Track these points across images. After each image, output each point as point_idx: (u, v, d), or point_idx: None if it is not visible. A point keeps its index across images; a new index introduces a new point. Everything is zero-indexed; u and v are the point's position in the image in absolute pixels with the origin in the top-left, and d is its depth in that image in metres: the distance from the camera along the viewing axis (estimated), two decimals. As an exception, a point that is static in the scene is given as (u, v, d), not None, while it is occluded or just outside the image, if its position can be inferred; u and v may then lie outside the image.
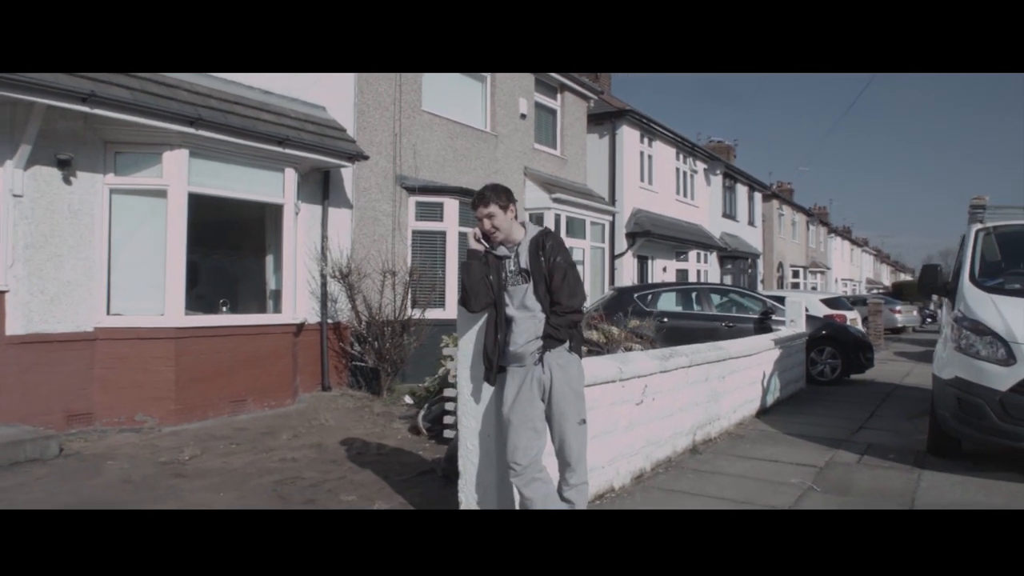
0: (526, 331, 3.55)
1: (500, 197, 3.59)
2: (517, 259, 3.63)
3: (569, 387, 3.54)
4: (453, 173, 11.60)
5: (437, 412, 6.99)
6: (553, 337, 3.50)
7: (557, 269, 3.52)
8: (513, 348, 3.57)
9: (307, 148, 8.28)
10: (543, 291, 3.54)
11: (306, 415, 7.90)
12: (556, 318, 3.50)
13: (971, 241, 6.64)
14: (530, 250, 3.59)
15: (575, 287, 3.56)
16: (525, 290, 3.58)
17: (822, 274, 38.77)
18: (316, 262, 9.14)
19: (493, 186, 3.66)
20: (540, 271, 3.53)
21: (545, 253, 3.55)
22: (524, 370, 3.55)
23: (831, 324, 11.82)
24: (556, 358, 3.53)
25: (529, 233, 3.68)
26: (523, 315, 3.57)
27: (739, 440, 6.90)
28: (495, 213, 3.57)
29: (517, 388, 3.55)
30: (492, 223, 3.58)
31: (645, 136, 19.29)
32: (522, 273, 3.60)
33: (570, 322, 3.54)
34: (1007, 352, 5.42)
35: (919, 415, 8.54)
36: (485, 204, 3.58)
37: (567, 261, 3.60)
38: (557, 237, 3.68)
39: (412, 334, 9.25)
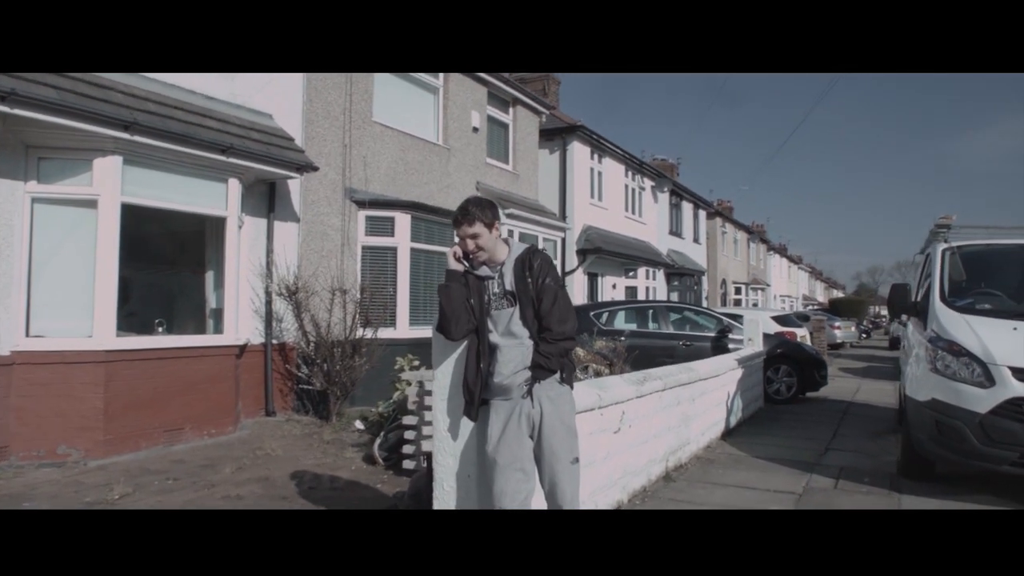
0: (512, 360, 3.20)
1: (485, 213, 3.23)
2: (501, 280, 3.27)
3: (561, 422, 3.19)
4: (404, 187, 11.18)
5: (394, 440, 6.54)
6: (543, 367, 3.15)
7: (546, 291, 3.19)
8: (498, 379, 3.21)
9: (253, 157, 7.76)
10: (531, 316, 3.19)
11: (250, 444, 7.33)
12: (546, 346, 3.15)
13: (938, 261, 6.59)
14: (515, 271, 3.24)
15: (566, 311, 3.22)
16: (511, 315, 3.23)
17: (762, 291, 39.55)
18: (261, 279, 8.58)
19: (477, 200, 3.29)
20: (527, 294, 3.20)
21: (532, 274, 3.21)
22: (510, 404, 3.19)
23: (786, 342, 11.81)
24: (546, 390, 3.18)
25: (513, 251, 3.32)
26: (509, 342, 3.22)
27: (710, 465, 6.66)
28: (480, 233, 3.21)
29: (503, 424, 3.18)
30: (477, 243, 3.22)
31: (595, 152, 19.22)
32: (507, 296, 3.24)
33: (562, 350, 3.19)
34: (985, 373, 5.32)
35: (881, 434, 8.53)
36: (470, 222, 3.20)
37: (557, 282, 3.26)
38: (545, 256, 3.33)
39: (364, 355, 8.77)
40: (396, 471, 6.23)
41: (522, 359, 3.19)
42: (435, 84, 12.25)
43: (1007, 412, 5.17)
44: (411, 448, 6.07)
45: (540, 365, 3.15)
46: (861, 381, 15.14)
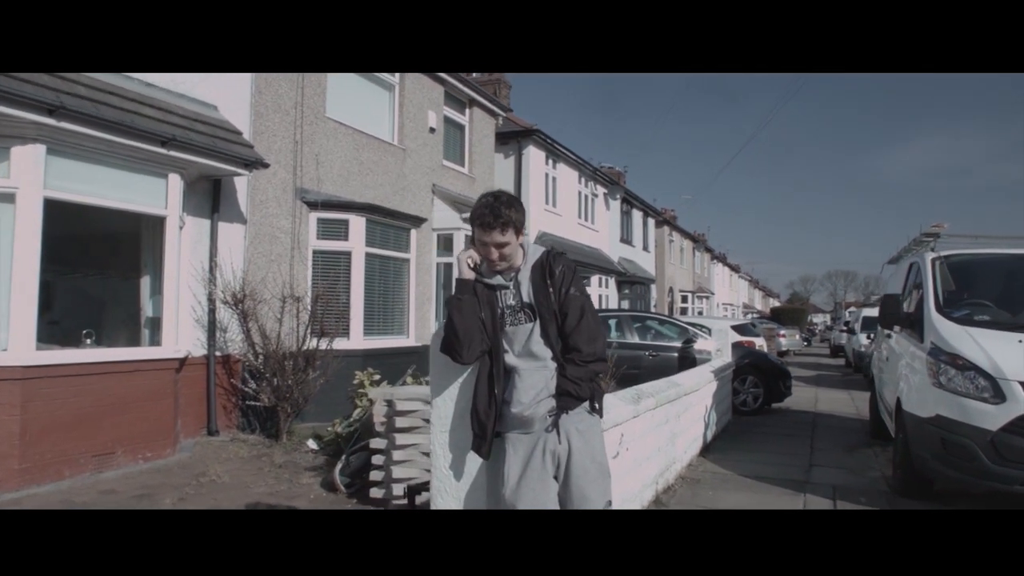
0: (534, 386, 2.70)
1: (520, 217, 2.72)
2: (517, 290, 2.77)
3: (592, 460, 2.71)
4: (359, 188, 10.53)
5: (358, 464, 5.93)
6: (572, 394, 2.66)
7: (572, 304, 2.71)
8: (517, 409, 2.69)
9: (196, 151, 7.02)
10: (554, 332, 2.71)
11: (192, 468, 6.58)
12: (575, 368, 2.67)
13: (929, 270, 6.35)
14: (533, 279, 2.75)
15: (596, 327, 2.76)
16: (529, 332, 2.74)
17: (707, 299, 39.93)
18: (203, 285, 7.82)
19: (508, 199, 2.72)
20: (549, 307, 2.71)
21: (554, 282, 2.71)
22: (531, 438, 2.67)
23: (753, 352, 11.60)
24: (575, 422, 2.70)
25: (530, 255, 2.80)
26: (529, 365, 2.73)
27: (697, 486, 6.25)
28: (510, 241, 2.69)
29: (523, 463, 2.66)
30: (503, 252, 2.70)
31: (550, 158, 18.86)
32: (525, 309, 2.75)
33: (592, 373, 2.73)
34: (994, 389, 5.05)
35: (856, 448, 8.31)
36: (503, 228, 2.66)
37: (583, 292, 2.78)
38: (567, 260, 2.82)
39: (318, 368, 8.09)
40: (361, 499, 5.63)
41: (545, 385, 2.70)
42: (391, 81, 11.64)
43: (1020, 429, 4.90)
44: (379, 474, 5.48)
45: (568, 392, 2.66)
46: (817, 390, 15.12)
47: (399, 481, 5.24)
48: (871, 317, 19.46)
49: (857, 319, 21.04)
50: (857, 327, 20.26)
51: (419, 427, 5.41)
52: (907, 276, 7.21)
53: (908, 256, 7.75)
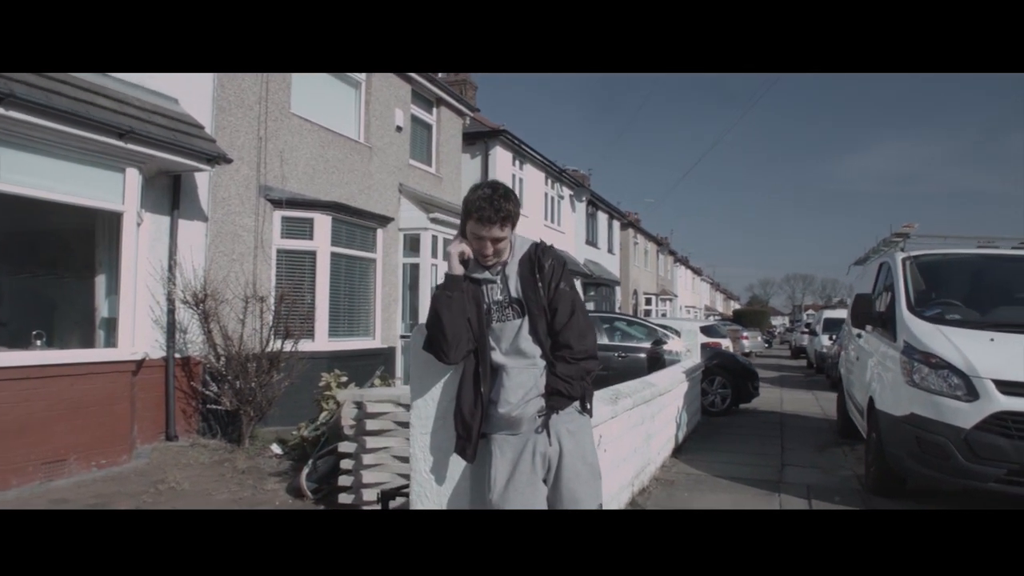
0: (523, 385, 2.57)
1: (518, 208, 2.60)
2: (505, 285, 2.63)
3: (584, 462, 2.59)
4: (324, 186, 10.29)
5: (326, 469, 5.73)
6: (563, 394, 2.55)
7: (562, 299, 2.59)
8: (504, 409, 2.56)
9: (156, 144, 6.74)
10: (543, 329, 2.58)
11: (150, 476, 6.30)
12: (566, 366, 2.56)
13: (900, 270, 6.39)
14: (521, 273, 2.62)
15: (586, 325, 2.64)
16: (517, 328, 2.60)
17: (670, 301, 40.27)
18: (162, 284, 7.53)
19: (506, 191, 2.58)
20: (538, 302, 2.58)
21: (543, 276, 2.59)
22: (519, 440, 2.54)
23: (721, 353, 11.64)
24: (566, 422, 2.58)
25: (517, 248, 2.67)
26: (517, 363, 2.59)
27: (672, 487, 6.18)
28: (507, 236, 2.59)
29: (511, 466, 2.52)
30: (498, 247, 2.59)
31: (517, 159, 18.78)
32: (513, 305, 2.62)
33: (583, 371, 2.60)
34: (967, 387, 5.07)
35: (825, 447, 8.35)
36: (503, 224, 2.53)
37: (572, 287, 2.66)
38: (557, 253, 2.71)
39: (282, 370, 7.84)
40: (329, 505, 5.43)
41: (534, 384, 2.58)
42: (358, 79, 11.42)
43: (993, 427, 4.92)
44: (349, 479, 5.29)
45: (559, 391, 2.54)
46: (781, 391, 15.26)
47: (370, 486, 5.06)
48: (833, 319, 19.80)
49: (819, 321, 21.36)
50: (819, 329, 20.54)
51: (390, 430, 5.23)
52: (877, 276, 7.25)
53: (877, 256, 7.80)
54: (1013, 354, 5.16)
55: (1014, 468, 4.84)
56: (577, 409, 2.61)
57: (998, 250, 7.00)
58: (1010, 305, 6.19)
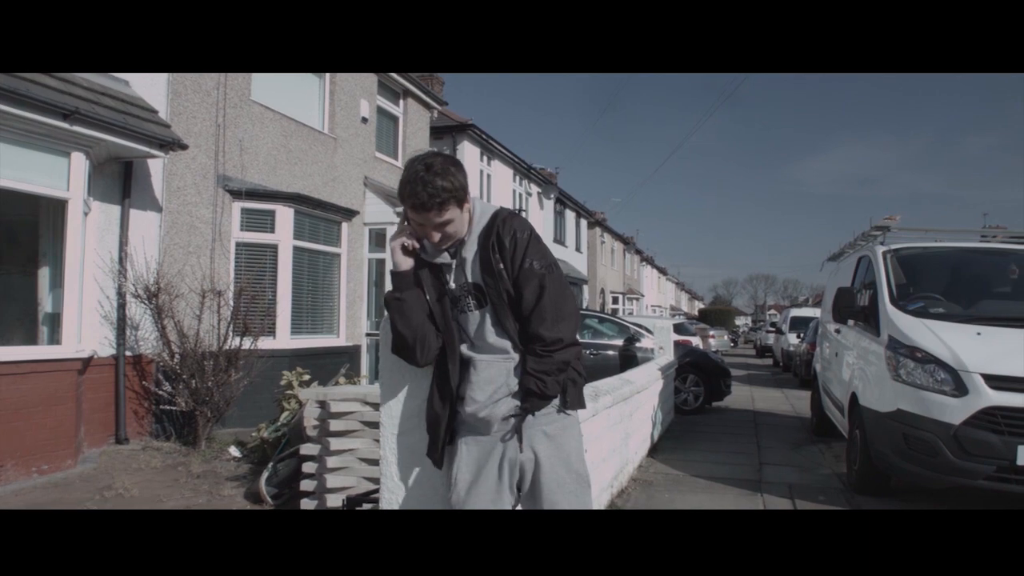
0: (491, 380, 2.21)
1: (459, 180, 2.16)
2: (462, 269, 2.25)
3: (567, 468, 2.24)
4: (286, 177, 9.88)
5: (287, 473, 5.38)
6: (536, 392, 2.16)
7: (527, 279, 2.16)
8: (471, 408, 2.21)
9: (105, 127, 6.31)
10: (510, 316, 2.20)
11: (96, 481, 5.89)
12: (537, 361, 2.15)
13: (881, 263, 6.26)
14: (480, 254, 2.22)
15: (561, 305, 2.19)
16: (484, 317, 2.24)
17: (637, 300, 40.33)
18: (112, 277, 7.09)
19: (441, 166, 2.14)
20: (500, 288, 2.18)
21: (505, 256, 2.18)
22: (487, 443, 2.21)
23: (693, 351, 11.51)
24: (542, 424, 2.22)
25: (477, 222, 2.25)
26: (485, 357, 2.23)
27: (651, 488, 5.95)
28: (453, 217, 2.17)
29: (476, 468, 2.22)
30: (446, 231, 2.19)
31: (485, 154, 18.50)
32: (472, 292, 2.24)
33: (559, 364, 2.18)
34: (956, 382, 4.93)
35: (801, 445, 8.23)
36: (441, 208, 2.12)
37: (544, 263, 2.20)
38: (522, 223, 2.26)
39: (241, 369, 7.45)
40: (290, 511, 5.08)
41: (505, 380, 2.21)
42: (321, 66, 11.01)
43: (982, 423, 4.78)
44: (312, 483, 4.95)
45: (531, 390, 2.16)
46: (752, 389, 15.23)
47: (335, 491, 4.74)
48: (799, 317, 19.90)
49: (785, 320, 21.46)
50: (785, 327, 20.63)
51: (356, 431, 4.92)
52: (855, 271, 7.13)
53: (854, 251, 7.69)
54: (1002, 348, 5.04)
55: (1004, 465, 4.72)
56: (556, 408, 2.23)
57: (977, 244, 6.94)
58: (992, 299, 6.12)
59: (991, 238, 7.61)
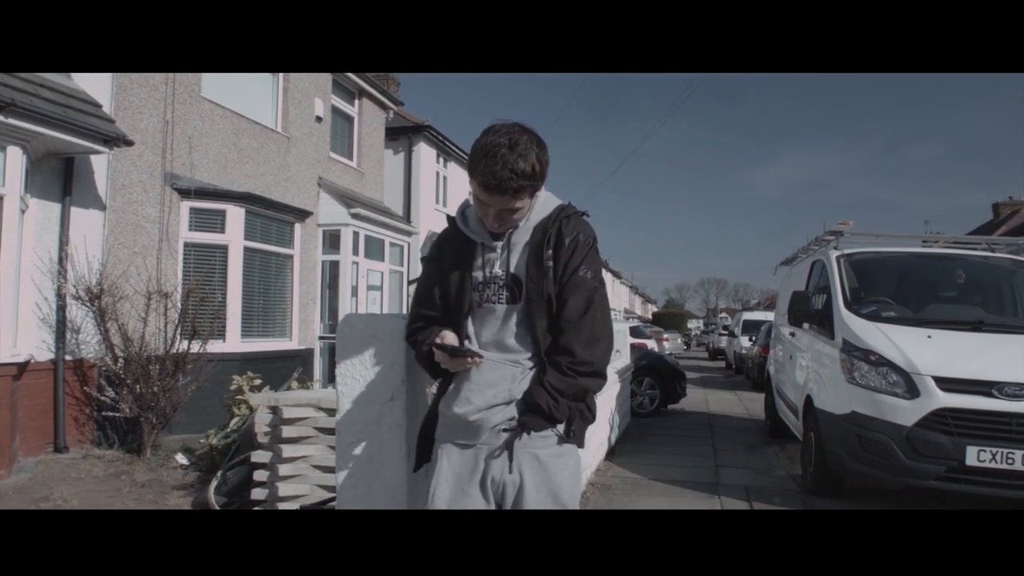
0: (492, 384, 1.96)
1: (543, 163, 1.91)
2: (506, 255, 2.00)
3: (554, 499, 1.97)
4: (237, 176, 9.61)
5: (237, 481, 5.19)
6: (543, 411, 1.90)
7: (576, 287, 1.94)
8: (461, 410, 1.97)
9: (43, 120, 6.03)
10: (542, 323, 1.95)
11: (31, 492, 5.60)
12: (559, 377, 1.91)
13: (835, 267, 6.36)
14: (532, 244, 1.98)
15: (602, 327, 1.96)
16: (504, 316, 2.00)
17: (592, 304, 40.50)
18: (51, 278, 6.78)
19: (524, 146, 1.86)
20: (543, 288, 1.94)
21: (559, 255, 1.95)
22: (471, 454, 2.01)
23: (649, 354, 11.58)
24: (537, 446, 1.95)
25: (536, 210, 2.00)
26: (493, 356, 1.99)
27: (610, 492, 5.94)
28: (524, 205, 1.94)
29: (455, 481, 2.00)
30: (512, 217, 1.96)
31: (441, 156, 18.35)
32: (510, 284, 1.99)
33: (580, 390, 1.95)
34: (907, 384, 5.02)
35: (756, 447, 8.33)
36: (516, 194, 1.88)
37: (597, 276, 2.00)
38: (587, 227, 2.04)
39: (189, 373, 7.20)
40: (240, 521, 4.89)
41: (508, 386, 1.96)
42: (274, 63, 10.76)
43: (933, 424, 4.88)
44: (263, 492, 4.78)
45: (538, 407, 1.90)
46: (706, 391, 15.40)
47: (287, 499, 4.58)
48: (752, 320, 20.24)
49: (738, 323, 21.80)
50: (738, 331, 20.97)
51: (310, 437, 4.76)
52: (809, 275, 7.24)
53: (808, 256, 7.81)
54: (952, 351, 5.16)
55: (953, 465, 4.82)
56: (556, 436, 1.96)
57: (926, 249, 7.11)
58: (940, 303, 6.26)
59: (932, 243, 7.82)
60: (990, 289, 6.62)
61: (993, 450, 4.74)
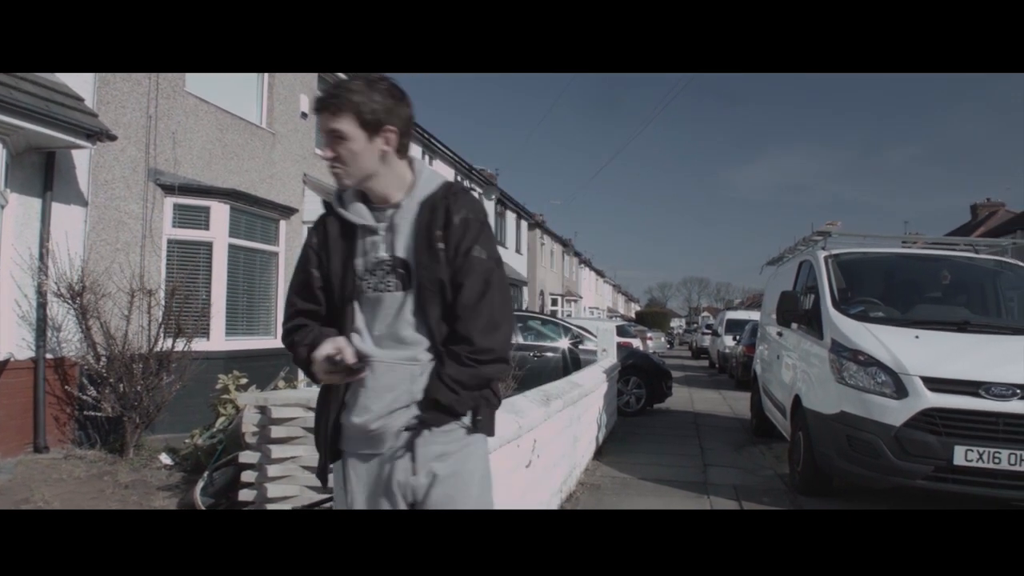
0: (391, 388, 1.81)
1: (379, 109, 1.78)
2: (391, 236, 1.84)
3: (466, 496, 1.86)
4: (222, 172, 9.50)
5: (224, 482, 5.12)
6: (443, 406, 1.77)
7: (471, 269, 1.79)
8: (360, 419, 1.83)
9: (24, 114, 5.91)
10: (436, 312, 1.81)
11: (12, 494, 5.48)
12: (458, 368, 1.76)
13: (823, 268, 6.40)
14: (418, 224, 1.82)
15: (502, 310, 1.82)
16: (399, 305, 1.83)
17: (575, 302, 40.63)
18: (32, 275, 6.65)
19: (375, 80, 1.82)
20: (434, 272, 1.79)
21: (449, 235, 1.80)
22: (376, 464, 1.86)
23: (636, 353, 11.61)
24: (443, 442, 1.81)
25: (421, 186, 1.86)
26: (389, 355, 1.83)
27: (599, 492, 5.92)
28: (348, 135, 1.77)
29: (367, 498, 1.87)
30: (338, 151, 1.80)
31: (426, 153, 18.29)
32: (397, 269, 1.83)
33: (482, 379, 1.80)
34: (896, 384, 5.06)
35: (743, 446, 8.36)
36: (333, 113, 1.77)
37: (492, 256, 1.84)
38: (476, 204, 1.89)
39: (173, 372, 7.10)
40: (227, 523, 4.82)
41: (408, 387, 1.81)
42: (260, 58, 10.64)
43: (921, 424, 4.92)
44: (251, 493, 4.71)
45: (438, 402, 1.77)
46: (690, 390, 15.47)
47: (276, 500, 4.52)
48: (735, 320, 20.36)
49: (721, 322, 21.92)
50: (721, 330, 21.08)
51: (299, 437, 4.70)
52: (797, 275, 7.27)
53: (795, 256, 7.85)
54: (940, 352, 5.20)
55: (941, 465, 4.86)
56: (463, 427, 1.82)
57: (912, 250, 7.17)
58: (926, 303, 6.31)
59: (911, 244, 7.88)
60: (974, 290, 6.70)
61: (980, 450, 4.78)
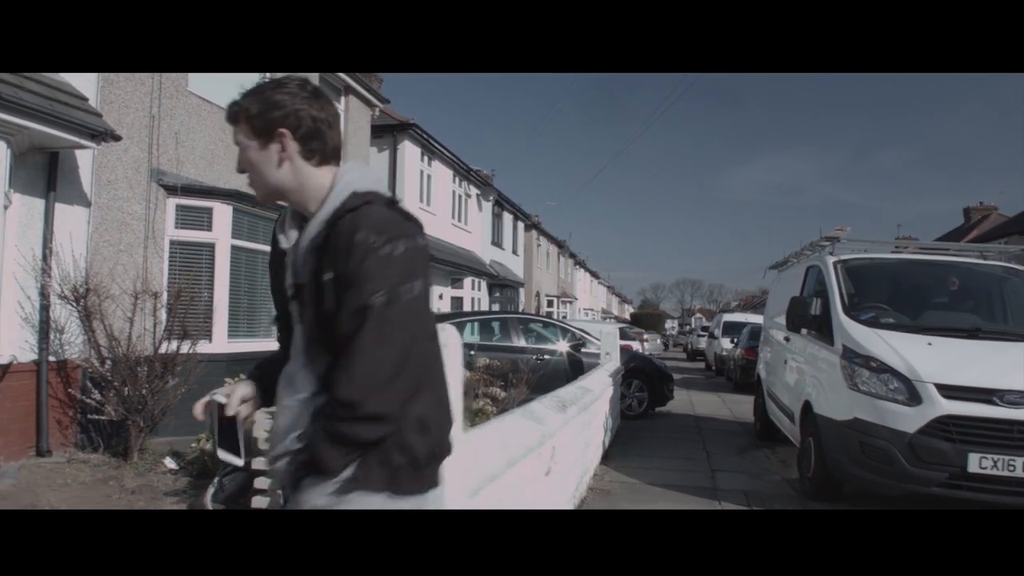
0: (294, 428, 1.54)
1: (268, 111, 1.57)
2: (293, 260, 1.59)
3: None
4: (224, 173, 9.42)
5: (235, 488, 5.04)
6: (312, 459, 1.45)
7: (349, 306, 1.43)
8: (267, 459, 1.68)
9: (28, 113, 5.83)
10: (319, 342, 1.53)
11: (16, 499, 5.42)
12: (324, 420, 1.44)
13: (833, 273, 6.39)
14: (312, 244, 1.53)
15: (381, 358, 1.41)
16: (300, 337, 1.59)
17: (571, 303, 40.63)
18: (35, 276, 6.57)
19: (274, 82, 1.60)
20: (319, 302, 1.50)
21: (338, 260, 1.45)
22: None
23: (637, 356, 11.59)
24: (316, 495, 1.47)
25: (331, 199, 1.55)
26: (285, 391, 1.61)
27: (610, 497, 5.90)
28: (243, 143, 1.63)
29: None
30: (244, 160, 1.66)
31: (426, 154, 18.23)
32: (296, 298, 1.59)
33: (344, 437, 1.42)
34: (909, 391, 5.05)
35: (747, 450, 8.37)
36: (230, 118, 1.63)
37: (391, 288, 1.42)
38: (377, 220, 1.46)
39: (178, 375, 7.03)
40: (238, 529, 4.77)
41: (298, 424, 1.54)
42: (262, 58, 10.57)
43: (936, 431, 4.92)
44: (264, 500, 4.66)
45: (310, 456, 1.46)
46: (689, 393, 15.47)
47: (290, 507, 4.47)
48: (732, 322, 20.38)
49: (718, 324, 21.94)
50: (718, 332, 21.10)
51: (312, 443, 4.66)
52: (804, 280, 7.27)
53: (801, 261, 7.84)
54: (953, 358, 5.20)
55: (955, 472, 4.86)
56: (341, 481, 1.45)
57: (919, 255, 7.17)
58: (935, 309, 6.32)
59: (903, 248, 7.89)
60: (981, 296, 6.71)
61: (995, 457, 4.78)
